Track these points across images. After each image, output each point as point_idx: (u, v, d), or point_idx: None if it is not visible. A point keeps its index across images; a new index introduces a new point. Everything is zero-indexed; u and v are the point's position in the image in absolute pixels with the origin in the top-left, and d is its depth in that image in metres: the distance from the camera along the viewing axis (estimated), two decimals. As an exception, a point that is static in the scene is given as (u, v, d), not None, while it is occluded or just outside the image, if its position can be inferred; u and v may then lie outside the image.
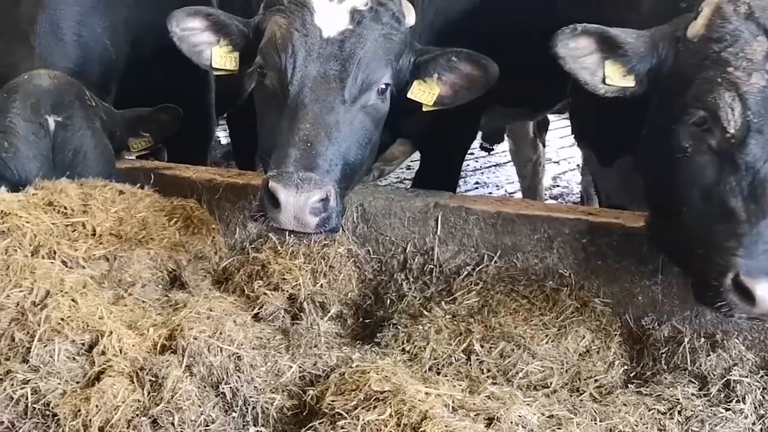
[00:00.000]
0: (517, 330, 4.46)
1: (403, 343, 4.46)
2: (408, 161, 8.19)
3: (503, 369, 4.31)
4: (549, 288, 4.74)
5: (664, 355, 4.44)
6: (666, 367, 4.39)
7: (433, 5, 5.36)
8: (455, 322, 4.55)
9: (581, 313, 4.61)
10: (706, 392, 4.17)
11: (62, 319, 4.08)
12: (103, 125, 5.30)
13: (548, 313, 4.60)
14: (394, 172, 9.14)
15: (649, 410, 3.99)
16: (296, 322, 4.65)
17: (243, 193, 5.28)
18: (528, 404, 3.84)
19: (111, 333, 4.02)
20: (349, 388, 3.77)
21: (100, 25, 5.80)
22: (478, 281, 4.81)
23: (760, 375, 4.24)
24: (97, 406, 3.70)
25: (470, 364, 4.33)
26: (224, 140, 11.34)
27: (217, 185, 5.38)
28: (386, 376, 3.77)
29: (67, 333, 4.03)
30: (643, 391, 4.20)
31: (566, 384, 4.28)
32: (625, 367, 4.47)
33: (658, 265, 4.62)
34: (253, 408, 3.89)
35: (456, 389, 3.93)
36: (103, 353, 3.96)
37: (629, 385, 4.33)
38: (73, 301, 4.19)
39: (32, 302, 4.16)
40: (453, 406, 3.72)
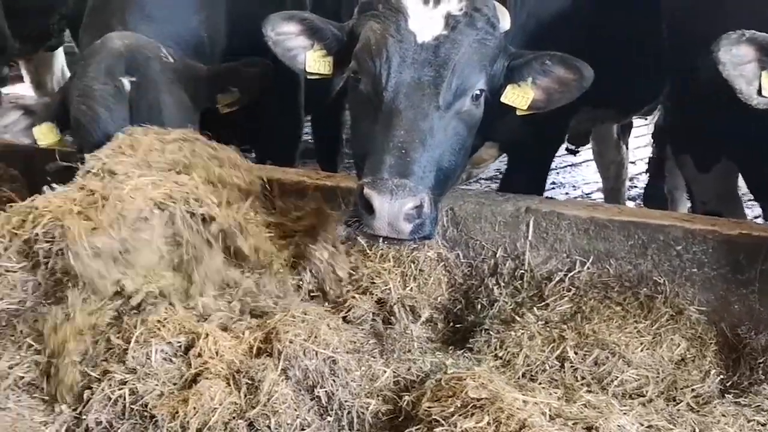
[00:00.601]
0: (612, 337, 4.41)
1: (495, 349, 4.45)
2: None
3: (598, 377, 4.26)
4: (643, 295, 4.68)
5: (761, 365, 4.37)
6: (764, 378, 4.32)
7: (526, 8, 5.30)
8: (548, 329, 4.52)
9: (676, 321, 4.56)
10: (807, 404, 4.10)
11: (158, 321, 4.13)
12: (184, 80, 5.29)
13: (642, 321, 4.55)
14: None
15: (749, 422, 3.92)
16: (387, 326, 4.64)
17: (332, 196, 5.23)
18: (625, 413, 3.80)
19: (207, 335, 4.06)
20: (445, 395, 3.76)
21: (197, 18, 5.84)
22: (571, 287, 4.77)
23: None
24: (195, 408, 3.73)
25: (564, 372, 4.29)
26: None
27: (305, 187, 5.38)
28: (483, 383, 3.75)
29: (164, 335, 4.08)
30: (742, 402, 4.13)
31: (662, 393, 4.22)
32: (721, 377, 4.41)
33: (755, 274, 4.54)
34: (349, 412, 3.90)
35: (552, 397, 3.91)
36: (200, 355, 3.99)
37: (726, 396, 4.25)
38: (170, 304, 4.25)
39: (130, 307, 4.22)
40: (550, 415, 3.70)
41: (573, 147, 9.86)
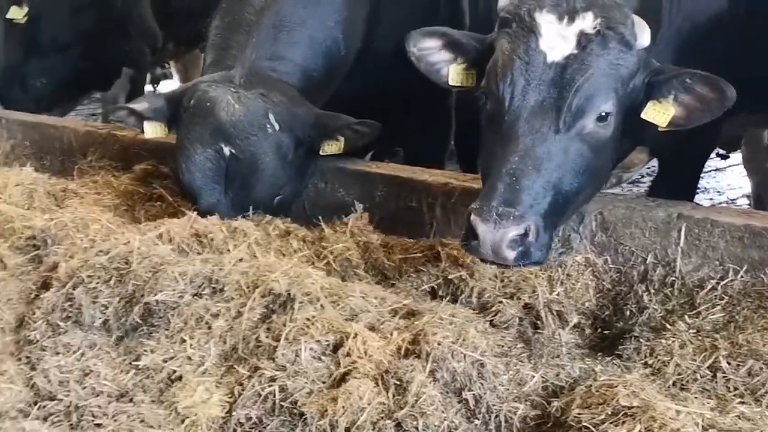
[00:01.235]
0: (766, 348, 4.28)
1: (645, 357, 4.35)
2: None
3: (751, 388, 4.12)
4: (800, 306, 4.54)
5: None
6: None
7: (682, 11, 5.19)
8: (699, 338, 4.40)
9: (835, 334, 4.40)
10: None
11: (308, 320, 4.17)
12: (288, 142, 5.37)
13: (799, 332, 4.41)
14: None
15: None
16: (535, 331, 4.60)
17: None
18: (781, 427, 3.70)
19: (356, 335, 4.08)
20: (595, 402, 3.72)
21: (334, 19, 5.91)
22: (723, 296, 4.64)
23: None
24: (344, 407, 3.76)
25: (716, 382, 4.17)
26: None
27: (452, 189, 5.38)
28: (634, 392, 3.70)
29: (313, 333, 4.12)
30: None
31: (819, 408, 4.09)
32: None
33: None
34: (496, 416, 3.88)
35: (704, 407, 3.82)
36: (349, 354, 4.02)
37: None
38: (318, 300, 4.30)
39: (279, 304, 4.28)
40: (703, 426, 3.62)
41: (724, 152, 9.65)
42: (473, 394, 3.90)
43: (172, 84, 13.14)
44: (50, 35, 8.26)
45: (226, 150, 5.22)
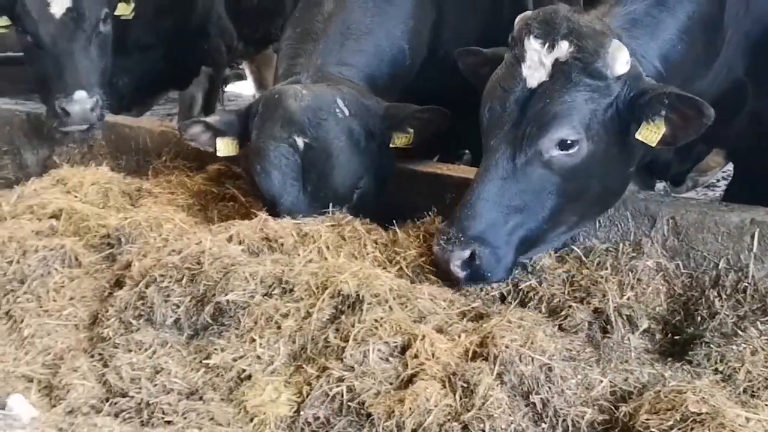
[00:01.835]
0: (840, 356, 4.23)
1: (715, 363, 4.31)
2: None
3: (824, 397, 4.09)
4: None
5: None
6: None
7: (751, 14, 5.14)
8: (772, 344, 4.36)
9: None
10: None
11: (376, 321, 4.19)
12: (359, 129, 5.35)
13: None
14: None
15: None
16: (604, 335, 4.57)
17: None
18: None
19: (424, 337, 4.10)
20: (664, 407, 3.71)
21: (401, 28, 5.94)
22: (797, 302, 4.59)
23: None
24: (411, 408, 3.78)
25: (788, 389, 4.13)
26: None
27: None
28: (703, 398, 3.69)
29: (381, 334, 4.14)
30: None
31: None
32: None
33: None
34: (564, 420, 3.87)
35: (775, 415, 3.78)
36: (416, 356, 4.04)
37: None
38: (386, 302, 4.32)
39: (348, 304, 4.31)
40: (774, 433, 3.58)
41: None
42: (541, 398, 3.90)
43: (246, 85, 13.24)
44: (135, 35, 8.36)
45: (300, 141, 5.21)
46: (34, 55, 7.25)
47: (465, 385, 3.88)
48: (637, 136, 4.63)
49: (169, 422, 3.96)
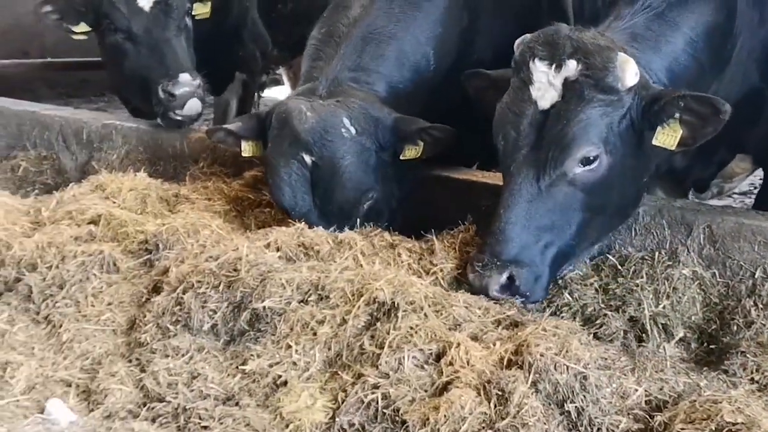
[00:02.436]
0: None
1: (751, 373, 4.30)
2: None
3: None
4: None
5: None
6: None
7: (766, 22, 5.14)
8: (809, 354, 4.34)
9: None
10: None
11: (411, 328, 4.21)
12: (367, 145, 5.39)
13: None
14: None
15: None
16: (639, 344, 4.57)
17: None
18: None
19: (459, 344, 4.11)
20: (699, 417, 3.70)
21: (426, 33, 5.96)
22: (834, 312, 4.57)
23: None
24: (446, 415, 3.77)
25: (825, 400, 4.11)
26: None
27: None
28: (739, 408, 3.68)
29: (416, 342, 4.15)
30: None
31: None
32: None
33: None
34: (598, 429, 3.86)
35: (812, 426, 3.75)
36: (451, 364, 4.05)
37: None
38: (421, 309, 4.33)
39: (383, 312, 4.32)
40: (810, 444, 3.56)
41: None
42: (575, 407, 3.89)
43: (283, 90, 13.30)
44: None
45: (308, 159, 5.28)
46: (124, 52, 7.38)
47: (500, 393, 3.88)
48: (655, 142, 4.68)
49: (205, 428, 3.98)
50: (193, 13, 7.80)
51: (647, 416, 3.91)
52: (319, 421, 3.99)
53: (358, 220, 5.34)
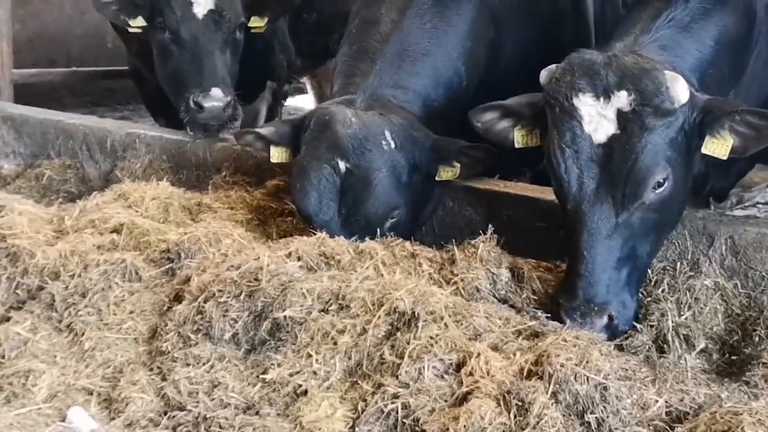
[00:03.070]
0: None
1: (774, 384, 4.29)
2: None
3: None
4: None
5: None
6: None
7: None
8: (831, 366, 4.32)
9: None
10: None
11: (431, 338, 4.21)
12: (403, 162, 5.38)
13: None
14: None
15: None
16: (660, 354, 4.56)
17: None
18: None
19: (479, 354, 4.10)
20: (720, 429, 3.68)
21: (458, 49, 5.97)
22: None
23: None
24: (465, 426, 3.76)
25: None
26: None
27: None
28: (760, 419, 3.66)
29: (436, 352, 4.15)
30: None
31: None
32: None
33: None
34: (618, 440, 3.86)
35: (834, 438, 3.73)
36: (471, 374, 4.04)
37: None
38: (441, 319, 4.33)
39: (403, 321, 4.32)
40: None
41: None
42: (595, 417, 3.88)
43: (306, 99, 13.33)
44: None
45: (342, 165, 5.25)
46: (168, 53, 7.50)
47: (520, 404, 3.87)
48: (704, 151, 4.69)
49: (225, 436, 4.00)
50: (250, 25, 7.89)
51: (668, 427, 3.90)
52: (339, 431, 3.99)
53: (380, 234, 5.30)
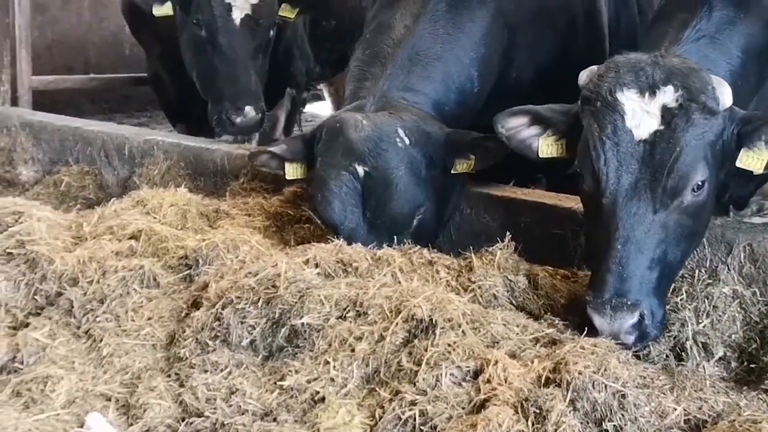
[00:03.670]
0: None
1: (792, 393, 4.28)
2: None
3: None
4: None
5: None
6: None
7: None
8: None
9: None
10: None
11: (449, 345, 4.21)
12: (420, 158, 5.37)
13: None
14: None
15: None
16: (678, 362, 4.55)
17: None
18: None
19: (497, 362, 4.10)
20: (738, 437, 3.67)
21: (470, 55, 5.95)
22: None
23: None
24: (483, 433, 3.77)
25: None
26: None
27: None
28: (779, 428, 3.64)
29: (454, 359, 4.15)
30: None
31: None
32: None
33: None
34: (636, 448, 3.85)
35: None
36: (489, 381, 4.03)
37: None
38: (459, 326, 4.33)
39: (421, 329, 4.32)
40: None
41: None
42: (614, 425, 3.87)
43: (323, 105, 13.36)
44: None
45: (360, 170, 5.25)
46: (202, 51, 7.64)
47: (537, 411, 3.87)
48: (738, 164, 4.68)
49: (243, 443, 4.01)
50: (280, 14, 7.91)
51: (686, 435, 3.90)
52: (357, 438, 4.00)
53: (408, 235, 5.31)
